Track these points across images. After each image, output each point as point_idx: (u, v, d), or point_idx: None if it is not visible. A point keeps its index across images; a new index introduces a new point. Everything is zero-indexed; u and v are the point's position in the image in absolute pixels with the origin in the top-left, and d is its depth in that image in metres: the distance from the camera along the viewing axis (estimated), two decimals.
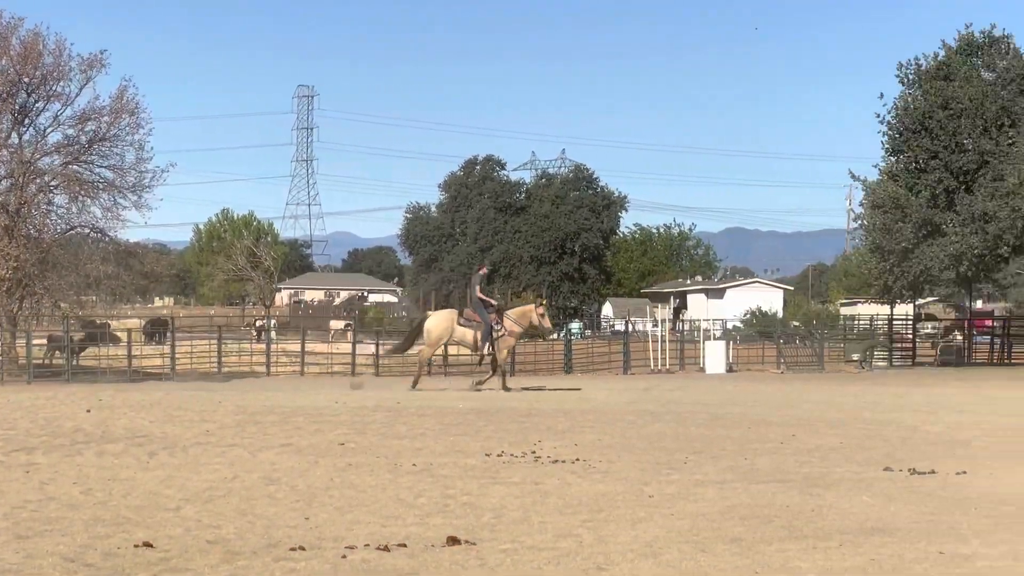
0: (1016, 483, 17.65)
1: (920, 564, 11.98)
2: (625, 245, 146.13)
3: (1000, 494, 16.59)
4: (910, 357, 66.98)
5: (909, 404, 33.89)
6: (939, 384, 46.64)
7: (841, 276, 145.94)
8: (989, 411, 31.18)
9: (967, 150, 61.93)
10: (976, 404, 33.94)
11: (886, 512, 15.09)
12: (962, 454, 21.15)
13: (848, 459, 20.39)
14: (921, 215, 61.61)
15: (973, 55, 65.06)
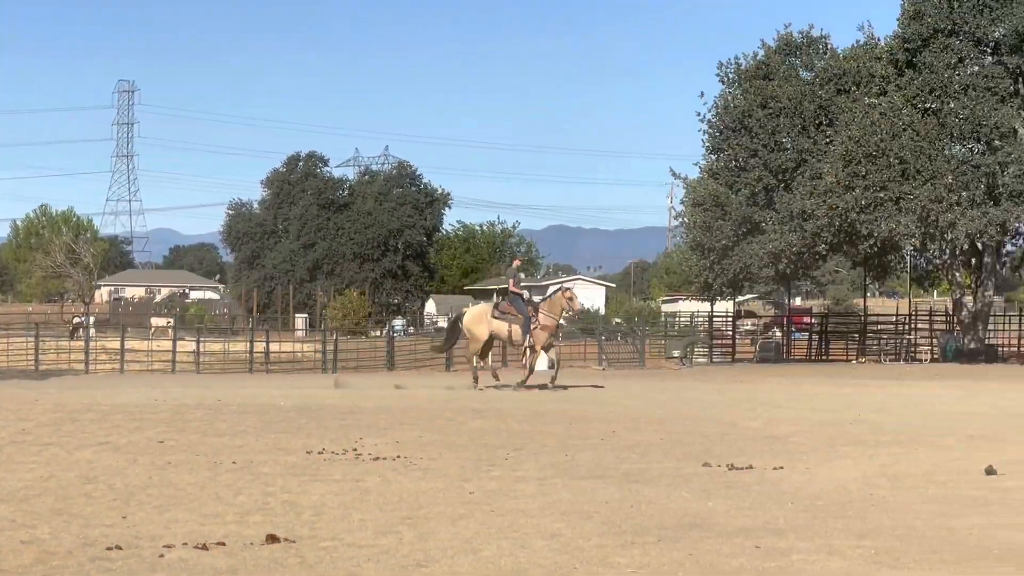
0: (831, 478, 17.96)
1: (737, 558, 12.14)
2: (448, 242, 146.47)
3: (815, 489, 16.87)
4: (730, 354, 67.93)
5: (728, 400, 34.31)
6: (758, 380, 47.27)
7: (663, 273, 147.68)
8: (806, 407, 31.65)
9: (786, 149, 62.97)
10: (793, 400, 34.44)
11: (704, 507, 15.27)
12: (779, 449, 21.45)
13: (668, 455, 20.58)
14: (741, 213, 62.52)
15: (792, 55, 66.14)
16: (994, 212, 56.67)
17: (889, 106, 58.58)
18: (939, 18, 58.68)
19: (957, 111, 58.02)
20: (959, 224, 56.60)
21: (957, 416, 28.49)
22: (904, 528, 13.84)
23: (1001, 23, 58.57)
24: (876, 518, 14.52)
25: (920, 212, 56.79)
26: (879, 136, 57.47)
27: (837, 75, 63.45)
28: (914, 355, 65.28)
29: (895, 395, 36.77)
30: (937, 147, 57.60)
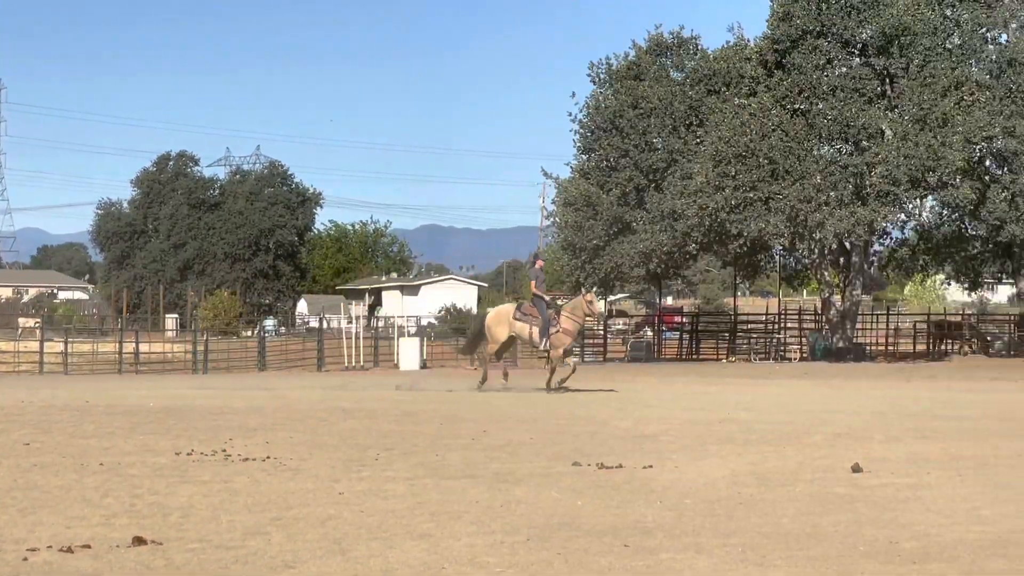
0: (699, 476, 18.09)
1: (605, 557, 12.20)
2: (320, 242, 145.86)
3: (684, 487, 16.98)
4: (601, 353, 68.23)
5: (598, 399, 34.45)
6: (629, 380, 47.51)
7: None
8: (676, 406, 31.85)
9: (657, 149, 63.42)
10: (664, 399, 34.68)
11: (574, 506, 15.31)
12: (649, 448, 21.54)
13: (538, 454, 20.62)
14: (612, 213, 62.88)
15: (662, 55, 66.66)
16: (862, 212, 57.41)
17: (758, 107, 59.17)
18: (808, 19, 59.36)
19: (825, 112, 58.76)
20: (827, 224, 57.31)
21: (825, 414, 28.79)
22: (771, 526, 13.97)
23: (868, 25, 59.39)
24: (744, 516, 14.64)
25: (789, 212, 57.44)
26: (749, 136, 58.04)
27: (707, 76, 64.01)
28: (784, 354, 66.00)
29: (764, 394, 37.14)
30: (806, 147, 58.30)
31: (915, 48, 58.95)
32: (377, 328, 75.35)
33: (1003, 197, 59.31)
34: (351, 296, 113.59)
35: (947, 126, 57.22)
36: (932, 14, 59.71)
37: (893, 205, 58.72)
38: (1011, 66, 60.67)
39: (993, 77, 60.82)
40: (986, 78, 60.80)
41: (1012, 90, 60.02)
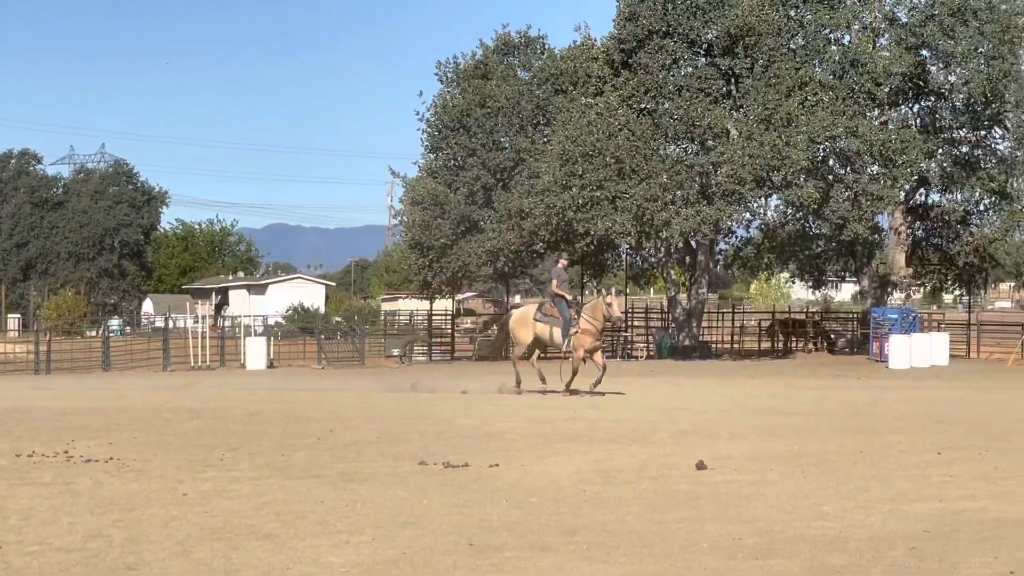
0: (545, 474, 18.17)
1: (451, 556, 12.23)
2: (167, 241, 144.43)
3: (530, 485, 17.05)
4: (449, 352, 68.24)
5: (444, 398, 34.43)
6: (477, 378, 47.54)
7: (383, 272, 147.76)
8: (522, 404, 31.94)
9: (504, 148, 63.55)
10: (511, 398, 34.71)
11: (419, 505, 15.32)
12: (495, 447, 21.58)
13: (384, 453, 20.58)
14: (459, 211, 62.94)
15: (510, 55, 66.83)
16: (707, 211, 57.91)
17: (605, 106, 59.46)
18: (654, 20, 59.76)
19: (671, 111, 59.18)
20: (674, 223, 57.74)
21: (671, 412, 29.04)
22: (616, 523, 14.08)
23: (714, 25, 59.94)
24: (589, 514, 14.74)
25: (636, 211, 57.76)
26: (595, 136, 58.28)
27: (554, 75, 64.25)
28: (630, 352, 66.41)
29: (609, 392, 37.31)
30: (652, 147, 58.67)
31: (760, 48, 59.56)
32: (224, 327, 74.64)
33: (846, 196, 60.17)
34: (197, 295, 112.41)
35: (791, 126, 57.91)
36: (776, 15, 60.36)
37: (738, 204, 59.29)
38: (854, 67, 61.58)
39: (836, 77, 61.66)
40: (829, 78, 61.62)
41: (854, 90, 60.90)
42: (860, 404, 32.41)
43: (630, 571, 11.59)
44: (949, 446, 21.33)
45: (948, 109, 64.91)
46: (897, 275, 67.08)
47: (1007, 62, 60.73)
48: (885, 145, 60.06)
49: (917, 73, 63.62)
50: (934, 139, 64.13)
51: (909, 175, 63.30)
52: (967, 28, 60.95)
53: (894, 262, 66.97)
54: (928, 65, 64.21)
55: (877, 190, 60.20)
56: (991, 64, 60.77)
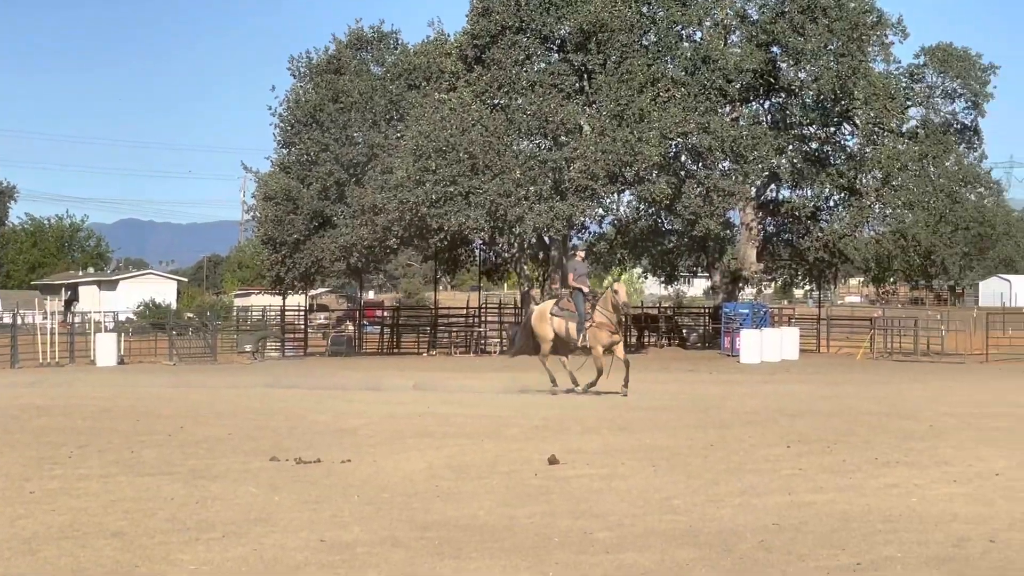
0: (397, 470, 18.14)
1: (301, 552, 12.18)
2: (15, 236, 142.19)
3: (382, 481, 17.01)
4: (302, 347, 67.92)
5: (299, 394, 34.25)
6: (329, 374, 47.35)
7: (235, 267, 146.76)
8: (375, 400, 31.89)
9: (357, 143, 63.33)
10: (362, 393, 34.63)
11: (271, 502, 15.23)
12: (348, 443, 21.51)
13: (236, 450, 20.44)
14: (312, 207, 62.67)
15: (363, 49, 66.62)
16: (560, 206, 58.16)
17: (459, 102, 59.47)
18: (507, 15, 59.89)
19: (525, 107, 59.36)
20: (527, 218, 57.92)
21: (523, 407, 29.06)
22: (467, 519, 14.09)
23: (567, 21, 60.19)
24: (440, 509, 14.74)
25: (489, 206, 57.83)
26: (449, 131, 58.26)
27: (407, 70, 64.14)
28: (484, 347, 66.52)
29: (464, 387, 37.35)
30: (505, 142, 58.78)
31: (612, 44, 59.91)
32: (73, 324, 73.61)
33: (698, 192, 60.82)
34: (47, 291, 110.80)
35: (643, 122, 58.35)
36: (629, 11, 60.73)
37: (591, 200, 59.60)
38: (705, 63, 62.20)
39: (688, 74, 62.27)
40: (681, 75, 62.22)
41: (706, 86, 61.51)
42: (711, 398, 32.70)
43: (481, 566, 11.61)
44: (798, 440, 21.59)
45: (798, 106, 65.75)
46: (748, 270, 67.86)
47: (856, 59, 61.68)
48: (736, 141, 60.78)
49: (768, 70, 64.47)
50: (784, 135, 65.01)
51: (760, 171, 64.12)
52: (817, 25, 61.82)
53: (745, 257, 67.74)
54: (779, 62, 65.05)
55: (728, 186, 60.91)
56: (840, 61, 61.72)
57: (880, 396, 33.55)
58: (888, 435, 22.37)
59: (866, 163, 64.86)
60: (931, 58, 66.18)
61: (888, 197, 64.74)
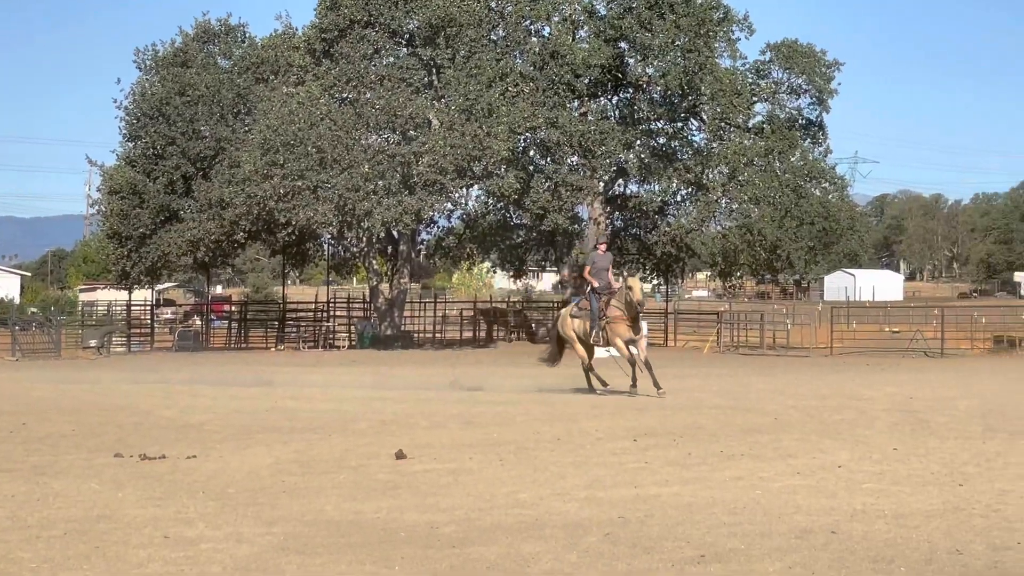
0: (244, 465, 18.02)
1: (145, 549, 12.05)
2: None
3: (228, 477, 16.90)
4: (149, 342, 67.24)
5: (144, 390, 33.87)
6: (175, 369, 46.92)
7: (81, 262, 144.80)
8: (222, 394, 31.61)
9: (204, 137, 62.85)
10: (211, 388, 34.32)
11: (114, 498, 15.06)
12: (194, 438, 21.34)
13: (79, 446, 20.20)
14: (159, 201, 62.07)
15: (210, 43, 66.09)
16: (409, 201, 58.08)
17: (307, 95, 59.17)
18: (355, 9, 59.68)
19: (373, 101, 59.20)
20: (375, 212, 57.76)
21: (372, 402, 29.05)
22: (314, 513, 14.03)
23: (415, 15, 60.13)
24: (286, 505, 14.66)
25: (337, 201, 57.62)
26: (297, 125, 57.96)
27: (255, 64, 63.74)
28: (332, 342, 66.31)
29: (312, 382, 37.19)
30: (354, 137, 58.57)
31: (461, 39, 59.97)
32: None
33: (546, 187, 61.07)
34: None
35: (492, 116, 58.43)
36: (477, 6, 60.82)
37: (440, 194, 59.58)
38: (554, 58, 62.45)
39: (537, 69, 62.48)
40: (530, 70, 62.43)
41: (555, 82, 61.81)
42: (558, 392, 32.84)
43: (327, 561, 11.58)
44: (645, 433, 21.76)
45: (646, 101, 66.28)
46: None
47: (702, 55, 62.31)
48: (584, 136, 61.14)
49: (616, 65, 64.90)
50: (632, 130, 65.49)
51: (608, 166, 64.59)
52: (664, 21, 62.36)
53: None
54: (626, 58, 65.50)
55: (576, 180, 61.27)
56: (687, 57, 62.31)
57: (726, 389, 33.93)
58: (733, 428, 22.62)
59: (713, 158, 65.51)
60: (776, 54, 66.99)
61: (734, 192, 65.50)
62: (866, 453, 19.01)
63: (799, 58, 66.56)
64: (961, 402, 28.51)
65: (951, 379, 38.52)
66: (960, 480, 16.27)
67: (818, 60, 66.64)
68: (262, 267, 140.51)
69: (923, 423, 23.56)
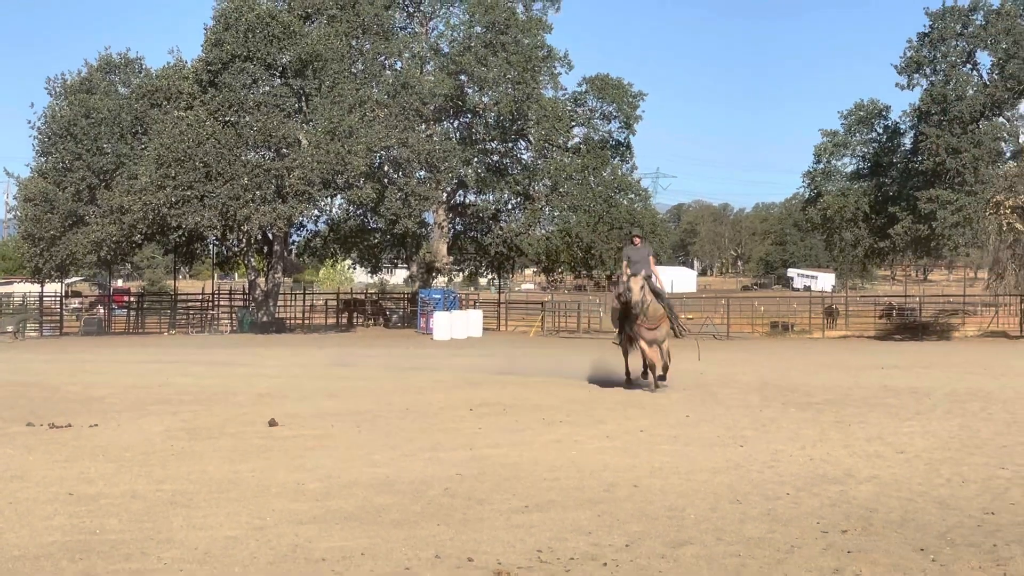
0: (139, 432, 17.80)
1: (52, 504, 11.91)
2: None
3: (125, 442, 16.68)
4: (59, 328, 66.03)
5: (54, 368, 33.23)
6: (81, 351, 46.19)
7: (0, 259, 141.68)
8: (121, 372, 31.20)
9: (107, 153, 61.82)
10: (112, 367, 33.83)
11: (26, 462, 14.81)
12: (97, 409, 21.05)
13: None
14: (67, 207, 61.00)
15: (112, 73, 65.02)
16: (282, 208, 57.68)
17: (195, 118, 58.47)
18: (236, 45, 59.08)
19: (252, 124, 58.68)
20: (253, 218, 57.33)
21: (249, 378, 28.82)
22: (198, 473, 13.91)
23: (288, 51, 59.67)
24: (175, 466, 14.52)
25: (221, 208, 57.13)
26: (186, 144, 57.31)
27: (151, 91, 62.72)
28: (217, 327, 65.59)
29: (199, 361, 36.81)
30: (235, 153, 58.02)
31: (326, 72, 59.61)
32: None
33: (398, 196, 60.97)
34: None
35: (352, 137, 58.15)
36: (340, 44, 60.56)
37: (308, 202, 59.18)
38: (405, 88, 62.39)
39: (390, 97, 62.33)
40: (385, 98, 62.26)
41: (405, 108, 61.70)
42: (408, 368, 32.84)
43: (208, 513, 11.48)
44: (480, 403, 21.85)
45: (482, 125, 66.60)
46: (440, 262, 68.40)
47: (529, 87, 62.97)
48: (430, 154, 61.20)
49: (457, 95, 65.15)
50: (471, 149, 65.81)
51: (450, 179, 64.82)
52: (497, 58, 62.84)
53: (438, 251, 68.28)
54: (466, 88, 65.74)
55: (424, 191, 61.28)
56: (517, 88, 62.86)
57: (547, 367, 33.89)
58: (554, 399, 22.79)
59: (538, 173, 66.05)
60: (591, 86, 67.58)
61: (556, 202, 66.04)
62: (663, 420, 19.24)
63: (610, 89, 67.21)
64: (743, 377, 28.95)
65: (735, 358, 39.12)
66: (741, 442, 16.54)
67: (626, 91, 67.32)
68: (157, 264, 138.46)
69: (711, 394, 23.91)
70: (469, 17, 65.96)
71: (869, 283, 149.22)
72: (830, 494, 12.44)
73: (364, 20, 63.45)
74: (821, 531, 10.58)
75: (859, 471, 13.96)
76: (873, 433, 17.40)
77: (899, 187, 59.90)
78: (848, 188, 61.85)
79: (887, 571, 9.23)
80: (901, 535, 10.46)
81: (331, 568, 9.21)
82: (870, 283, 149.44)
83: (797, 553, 9.75)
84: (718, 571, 9.21)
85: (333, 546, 9.97)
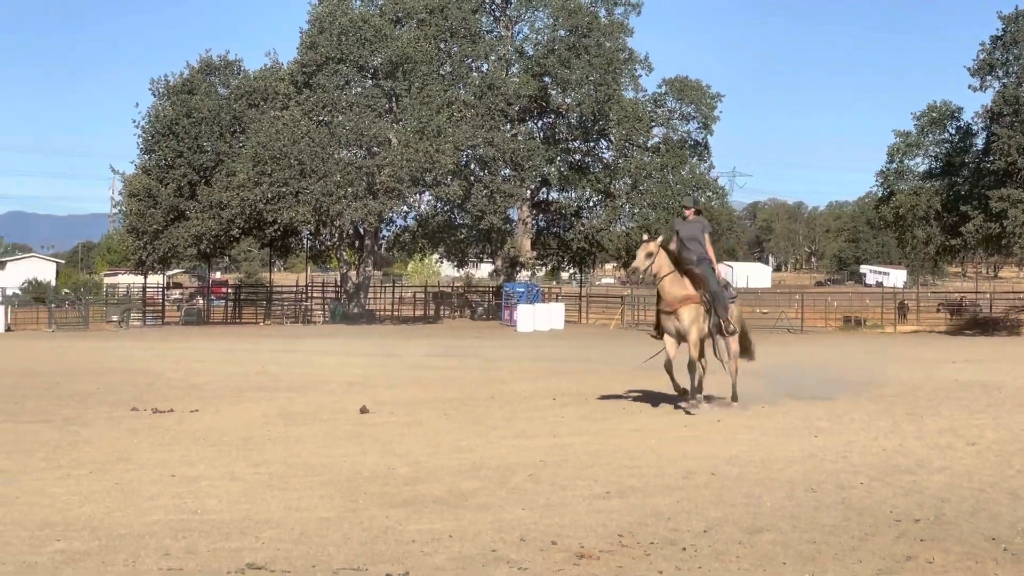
0: (236, 418, 17.95)
1: (156, 485, 12.01)
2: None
3: (224, 427, 16.83)
4: (160, 318, 66.78)
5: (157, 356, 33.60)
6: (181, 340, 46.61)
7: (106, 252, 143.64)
8: (220, 360, 31.50)
9: (206, 151, 62.44)
10: (211, 355, 34.18)
11: (131, 444, 14.98)
12: (197, 395, 21.24)
13: (102, 402, 20.06)
14: (169, 203, 61.69)
15: (212, 74, 65.60)
16: (372, 204, 57.99)
17: (291, 118, 58.92)
18: (330, 48, 59.46)
19: (344, 123, 59.02)
20: (346, 213, 57.70)
21: (341, 367, 28.99)
22: (293, 457, 14.00)
23: (379, 54, 59.96)
24: (271, 450, 14.62)
25: (315, 204, 57.52)
26: (282, 142, 57.76)
27: (249, 92, 63.31)
28: (310, 318, 66.04)
29: (293, 350, 37.07)
30: (329, 152, 58.41)
31: (416, 73, 59.86)
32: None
33: (484, 194, 61.19)
34: None
35: (440, 136, 58.36)
36: (429, 46, 60.83)
37: (398, 199, 59.48)
38: (490, 89, 62.58)
39: (477, 98, 62.51)
40: (471, 99, 62.44)
41: (491, 108, 61.89)
42: (492, 361, 32.87)
43: (303, 495, 11.55)
44: (562, 393, 21.81)
45: (565, 125, 66.61)
46: (524, 257, 68.44)
47: (610, 88, 62.93)
48: (515, 153, 61.31)
49: (541, 96, 65.21)
50: (554, 148, 65.83)
51: (534, 177, 64.83)
52: (580, 61, 62.82)
53: (522, 246, 68.32)
54: (549, 89, 65.74)
55: (509, 188, 61.44)
56: (598, 90, 62.81)
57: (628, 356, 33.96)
58: (634, 389, 22.70)
59: (619, 171, 65.98)
60: (671, 88, 67.36)
61: (636, 199, 65.88)
62: (739, 411, 19.10)
63: (689, 91, 66.95)
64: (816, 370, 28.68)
65: (809, 351, 38.80)
66: (815, 432, 16.39)
67: (704, 93, 67.03)
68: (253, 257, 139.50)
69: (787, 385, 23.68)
70: (553, 21, 65.93)
71: (940, 279, 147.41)
72: (903, 484, 12.30)
73: (452, 24, 63.61)
74: (894, 520, 10.47)
75: (931, 462, 13.79)
76: (945, 425, 17.18)
77: (971, 186, 59.05)
78: (920, 187, 61.04)
79: (959, 559, 9.12)
80: (973, 524, 10.33)
81: (420, 549, 9.24)
82: (941, 280, 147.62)
83: (871, 541, 9.66)
84: (794, 557, 9.14)
85: (422, 528, 10.00)
